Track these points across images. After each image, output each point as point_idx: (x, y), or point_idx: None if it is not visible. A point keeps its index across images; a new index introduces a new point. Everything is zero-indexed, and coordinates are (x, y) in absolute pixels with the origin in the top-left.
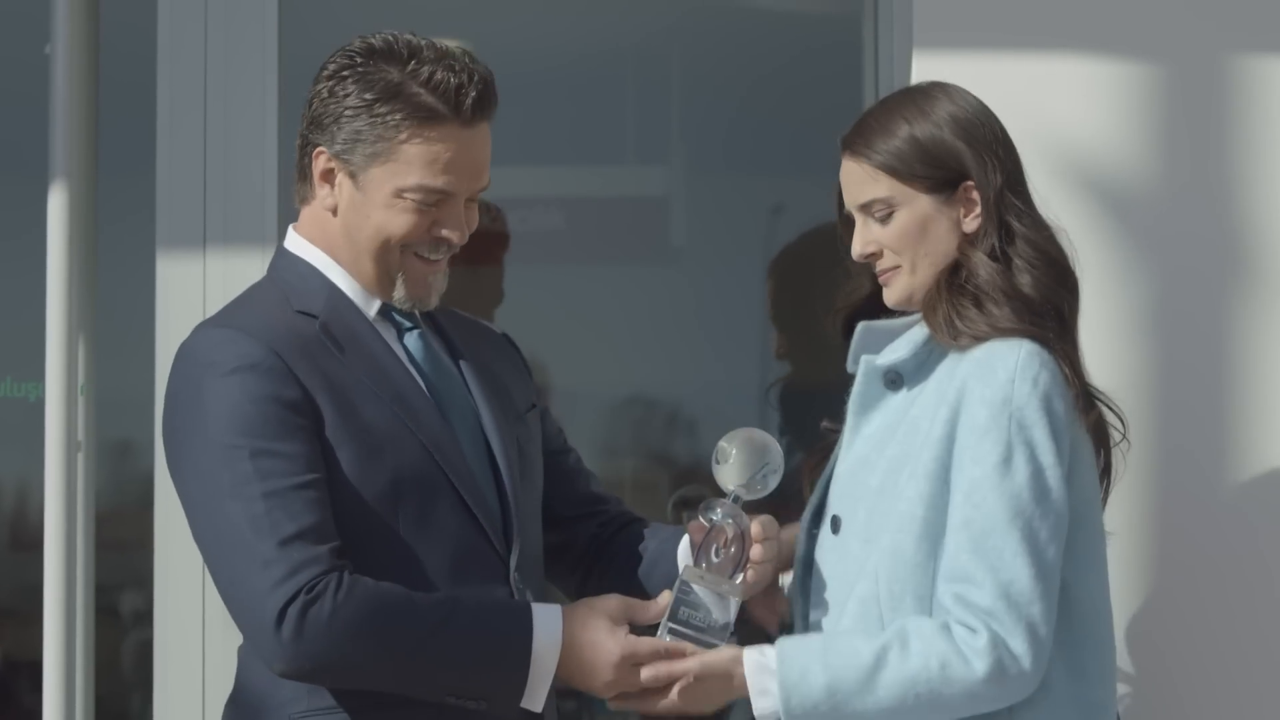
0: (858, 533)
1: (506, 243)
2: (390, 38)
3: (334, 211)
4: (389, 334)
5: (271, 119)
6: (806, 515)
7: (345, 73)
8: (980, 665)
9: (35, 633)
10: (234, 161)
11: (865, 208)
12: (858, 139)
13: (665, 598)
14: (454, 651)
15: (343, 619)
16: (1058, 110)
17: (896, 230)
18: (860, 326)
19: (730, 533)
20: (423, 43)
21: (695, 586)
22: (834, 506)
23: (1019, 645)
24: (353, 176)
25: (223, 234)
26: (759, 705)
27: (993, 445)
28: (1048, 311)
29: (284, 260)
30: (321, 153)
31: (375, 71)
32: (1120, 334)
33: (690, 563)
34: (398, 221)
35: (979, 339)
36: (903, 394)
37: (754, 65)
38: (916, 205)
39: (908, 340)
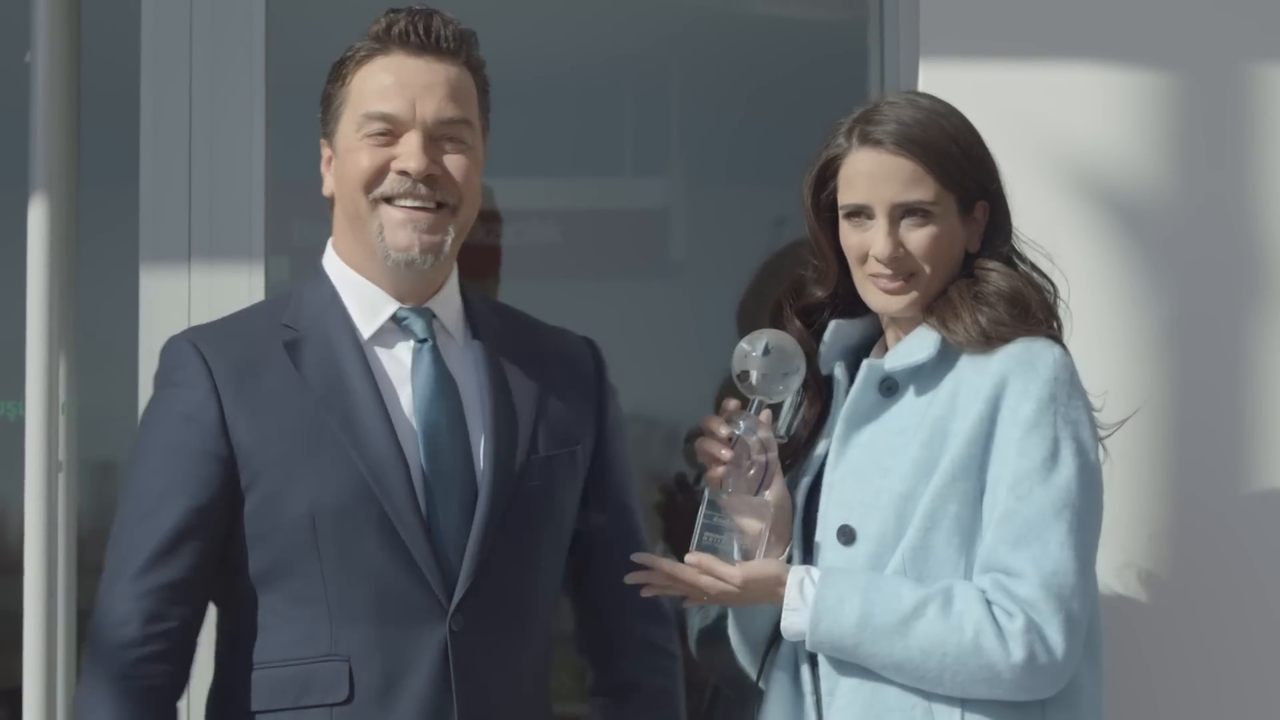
0: (888, 544)
1: (499, 255)
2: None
3: (333, 197)
4: (403, 347)
5: (258, 129)
6: (794, 528)
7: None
8: (1015, 648)
9: (15, 659)
10: (219, 173)
11: (905, 207)
12: (909, 135)
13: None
14: None
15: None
16: (1068, 120)
17: (929, 238)
18: (833, 325)
19: (754, 449)
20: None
21: (717, 508)
22: (838, 517)
23: (1055, 635)
24: (335, 147)
25: (208, 247)
26: (788, 620)
27: (1041, 439)
28: (1051, 313)
29: (318, 267)
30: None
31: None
32: (1137, 346)
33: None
34: (358, 161)
35: (1006, 340)
36: (909, 397)
37: (756, 74)
38: (949, 217)
39: (924, 343)
